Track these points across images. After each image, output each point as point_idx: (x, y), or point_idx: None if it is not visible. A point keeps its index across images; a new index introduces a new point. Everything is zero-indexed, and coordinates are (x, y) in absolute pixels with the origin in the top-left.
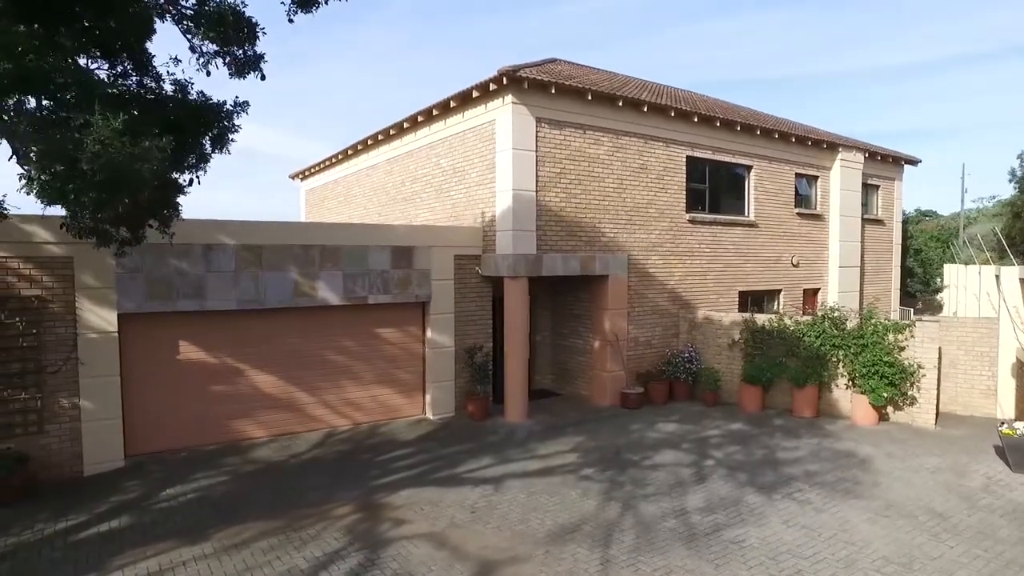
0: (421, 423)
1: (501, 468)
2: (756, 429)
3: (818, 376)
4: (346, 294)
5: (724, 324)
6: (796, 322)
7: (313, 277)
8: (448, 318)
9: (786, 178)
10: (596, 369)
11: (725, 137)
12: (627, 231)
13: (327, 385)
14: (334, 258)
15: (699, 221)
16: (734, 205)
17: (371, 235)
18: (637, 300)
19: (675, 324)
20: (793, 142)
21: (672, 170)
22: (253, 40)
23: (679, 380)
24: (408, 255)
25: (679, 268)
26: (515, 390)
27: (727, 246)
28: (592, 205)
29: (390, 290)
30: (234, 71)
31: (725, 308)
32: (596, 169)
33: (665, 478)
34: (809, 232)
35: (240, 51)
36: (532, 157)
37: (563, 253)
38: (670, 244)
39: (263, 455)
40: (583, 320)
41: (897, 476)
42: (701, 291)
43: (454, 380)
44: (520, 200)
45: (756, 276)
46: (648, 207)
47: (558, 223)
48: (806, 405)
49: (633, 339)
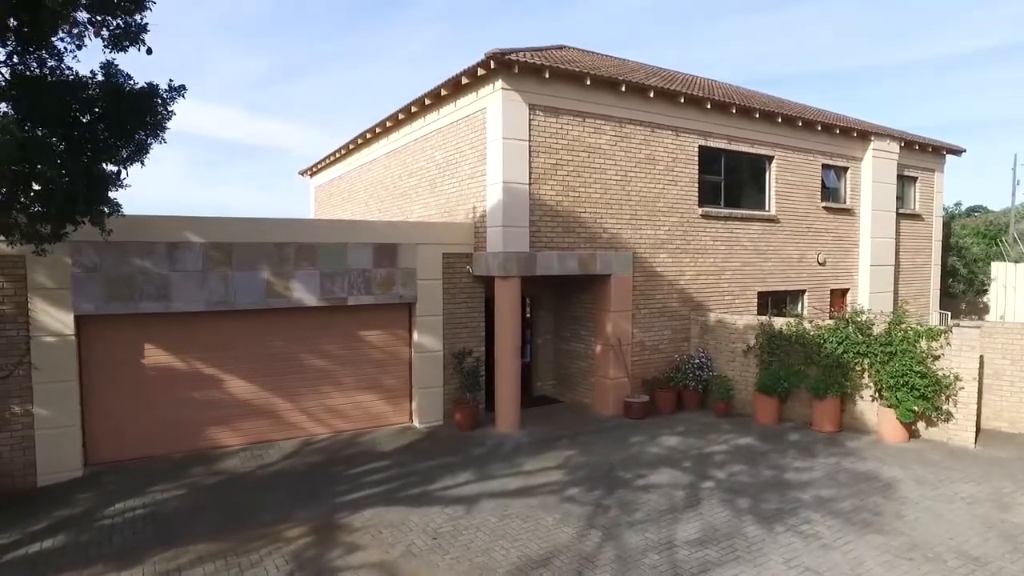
0: (406, 432)
1: (478, 486)
2: (768, 445)
3: (840, 386)
4: (324, 295)
5: (738, 328)
6: (817, 326)
7: (288, 277)
8: (436, 320)
9: (811, 169)
10: (598, 375)
11: (742, 125)
12: (632, 227)
13: (306, 391)
14: (310, 256)
15: (713, 216)
16: (753, 199)
17: (350, 232)
18: (643, 301)
19: (686, 327)
20: (819, 130)
21: (683, 161)
22: (140, 8)
23: (688, 388)
24: (391, 253)
25: (690, 267)
26: (506, 398)
27: (744, 243)
28: (592, 199)
29: (372, 290)
30: (111, 43)
31: (742, 310)
32: (597, 160)
33: (657, 502)
34: (837, 228)
35: (119, 21)
36: (525, 147)
37: (560, 251)
38: (680, 241)
39: (231, 465)
40: (584, 323)
41: (926, 507)
42: (715, 291)
43: (442, 386)
44: (511, 194)
45: (777, 275)
46: (655, 201)
47: (554, 218)
48: (826, 418)
49: (638, 343)
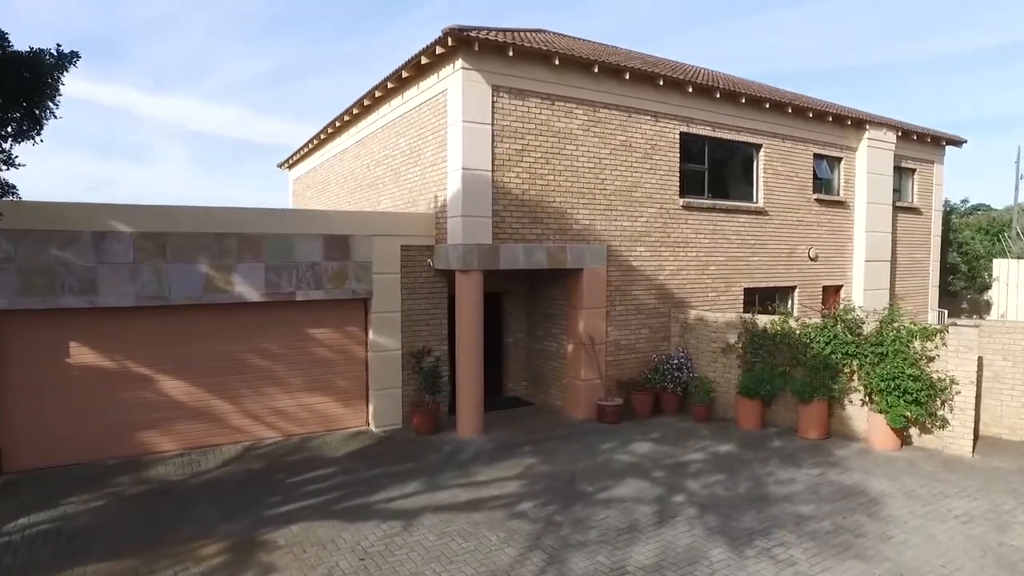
0: (360, 436)
1: (425, 498)
2: (748, 453)
3: (827, 390)
4: (269, 289)
5: (719, 326)
6: (803, 325)
7: (229, 270)
8: (393, 317)
9: (802, 159)
10: (569, 377)
11: (728, 111)
12: (606, 218)
13: (251, 392)
14: (255, 248)
15: (695, 207)
16: (739, 189)
17: (299, 222)
18: (618, 297)
19: (665, 326)
20: (810, 118)
21: (662, 148)
22: None
23: (667, 391)
24: (344, 245)
25: (671, 261)
26: (468, 401)
27: (730, 236)
28: (563, 188)
29: (322, 285)
30: None
31: (727, 307)
32: (568, 146)
33: (616, 519)
34: (830, 221)
35: None
36: (487, 131)
37: (526, 243)
38: (659, 233)
39: (163, 473)
40: (557, 320)
41: (915, 526)
42: (698, 287)
43: (401, 388)
44: (472, 181)
45: (765, 271)
46: (632, 191)
47: (520, 208)
48: (813, 424)
49: (613, 342)
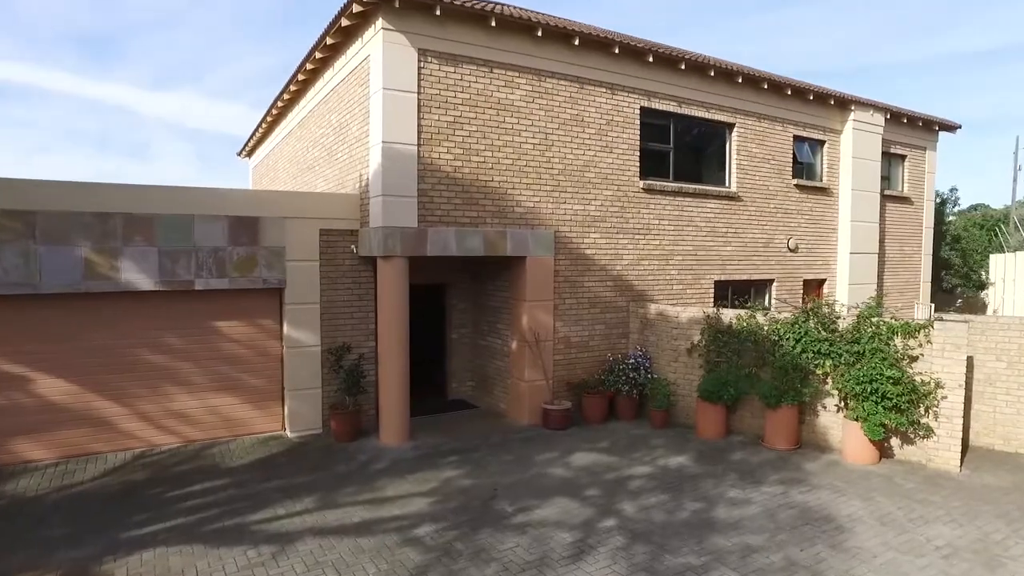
0: (271, 442)
1: (313, 517)
2: (703, 466)
3: (797, 394)
4: (163, 277)
5: (681, 322)
6: (772, 320)
7: (114, 254)
8: (311, 310)
9: (780, 141)
10: (514, 377)
11: (695, 85)
12: (553, 200)
13: (147, 393)
14: (145, 230)
15: (658, 190)
16: (710, 173)
17: (198, 202)
18: (568, 289)
19: (624, 321)
20: (789, 95)
21: (620, 124)
22: None
23: (621, 393)
24: (252, 229)
25: (629, 249)
26: (391, 404)
27: (699, 224)
28: (502, 166)
29: (227, 273)
30: None
31: (695, 302)
32: (508, 119)
33: (526, 550)
34: (812, 209)
35: None
36: (412, 100)
37: (459, 227)
38: (616, 219)
39: (24, 486)
40: (501, 315)
41: (886, 562)
42: (661, 279)
43: (321, 388)
44: (394, 156)
45: (738, 262)
46: (584, 170)
47: (451, 187)
48: (780, 432)
49: (563, 339)
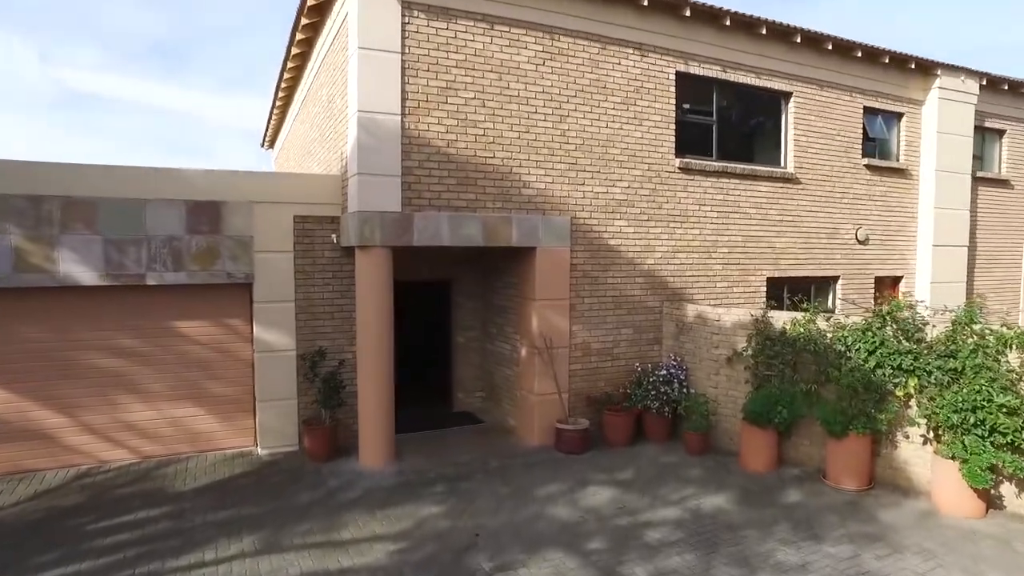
0: (237, 460)
1: (243, 567)
2: (747, 511)
3: (870, 420)
4: (109, 270)
5: (724, 326)
6: (837, 325)
7: (51, 243)
8: (284, 308)
9: (848, 113)
10: (522, 389)
11: (743, 47)
12: (570, 181)
13: (95, 402)
14: (87, 216)
15: (698, 170)
16: (761, 150)
17: (149, 184)
18: (588, 286)
19: (655, 325)
20: (859, 58)
21: (651, 92)
22: None
23: (651, 411)
24: (214, 215)
25: (663, 240)
26: (371, 419)
27: (747, 210)
28: (506, 140)
29: (184, 266)
30: None
31: (743, 302)
32: (514, 84)
33: None
34: (886, 194)
35: None
36: (394, 62)
37: (453, 211)
38: (646, 203)
39: None
40: (509, 315)
41: None
42: (702, 276)
43: (297, 399)
44: (373, 128)
45: (795, 256)
46: (608, 146)
47: (444, 165)
48: (847, 468)
49: (581, 345)
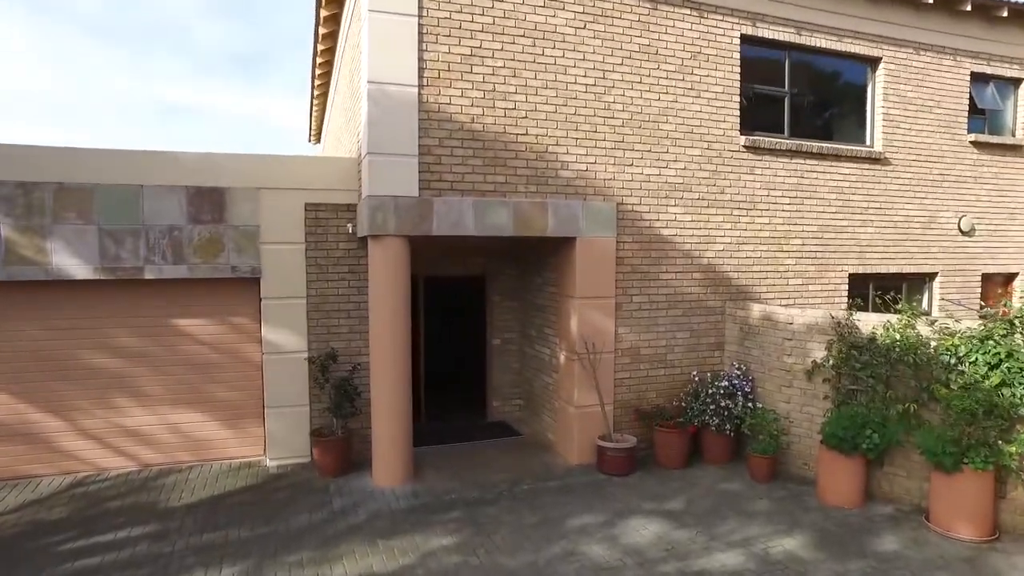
0: (243, 472)
1: None
2: (828, 560)
3: (992, 453)
4: (105, 263)
5: (798, 330)
6: (944, 331)
7: (42, 233)
8: (294, 306)
9: (950, 81)
10: (561, 400)
11: (823, 5)
12: (615, 161)
13: (92, 405)
14: (81, 204)
15: (767, 149)
16: (842, 126)
17: (146, 168)
18: (637, 283)
19: (717, 327)
20: (966, 13)
21: (711, 59)
22: None
23: (709, 428)
24: (217, 202)
25: (726, 230)
26: (385, 432)
27: (826, 195)
28: (541, 114)
29: (184, 258)
30: None
31: (819, 302)
32: (550, 51)
33: None
34: (997, 176)
35: None
36: (410, 25)
37: (479, 196)
38: (706, 187)
39: None
40: (548, 315)
41: None
42: (770, 271)
43: (309, 406)
44: (384, 102)
45: (883, 249)
46: (660, 121)
47: (468, 144)
48: (962, 511)
49: (629, 350)
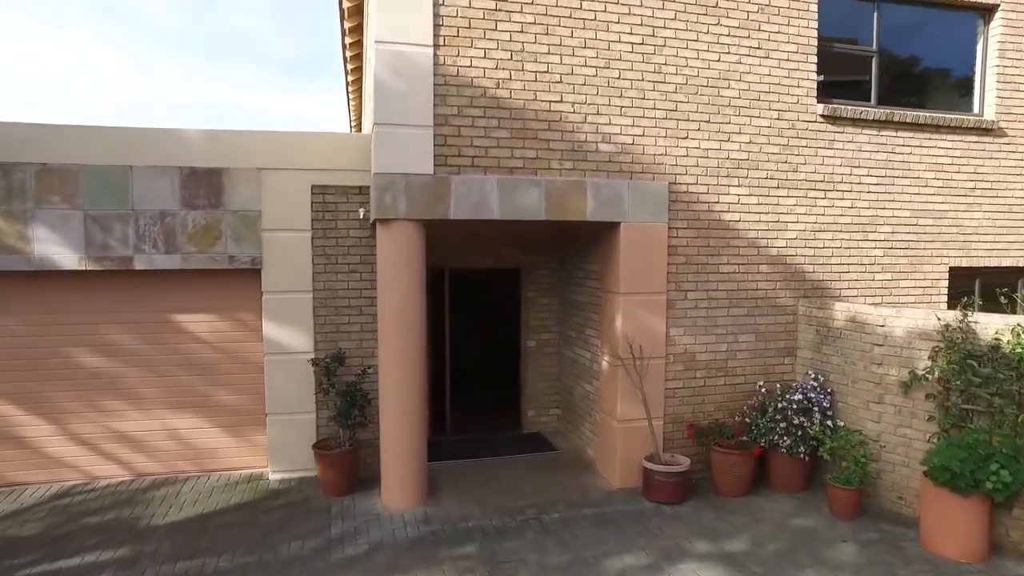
0: (241, 486)
1: None
2: None
3: None
4: (91, 251)
5: (892, 334)
6: None
7: (22, 218)
8: (300, 301)
9: None
10: (603, 412)
11: None
12: (667, 134)
13: (83, 407)
14: (64, 186)
15: (850, 119)
16: (942, 91)
17: (137, 146)
18: (692, 276)
19: (788, 329)
20: None
21: (784, 12)
22: None
23: (779, 449)
24: (214, 184)
25: (799, 215)
26: (395, 448)
27: (922, 174)
28: (578, 78)
29: (178, 246)
30: None
31: (913, 300)
32: (589, 4)
33: None
34: None
35: None
36: None
37: (505, 173)
38: (775, 164)
39: None
40: (589, 313)
41: None
42: (854, 263)
43: (315, 413)
44: (395, 64)
45: (995, 237)
46: (721, 86)
47: (492, 113)
48: None
49: (682, 356)
